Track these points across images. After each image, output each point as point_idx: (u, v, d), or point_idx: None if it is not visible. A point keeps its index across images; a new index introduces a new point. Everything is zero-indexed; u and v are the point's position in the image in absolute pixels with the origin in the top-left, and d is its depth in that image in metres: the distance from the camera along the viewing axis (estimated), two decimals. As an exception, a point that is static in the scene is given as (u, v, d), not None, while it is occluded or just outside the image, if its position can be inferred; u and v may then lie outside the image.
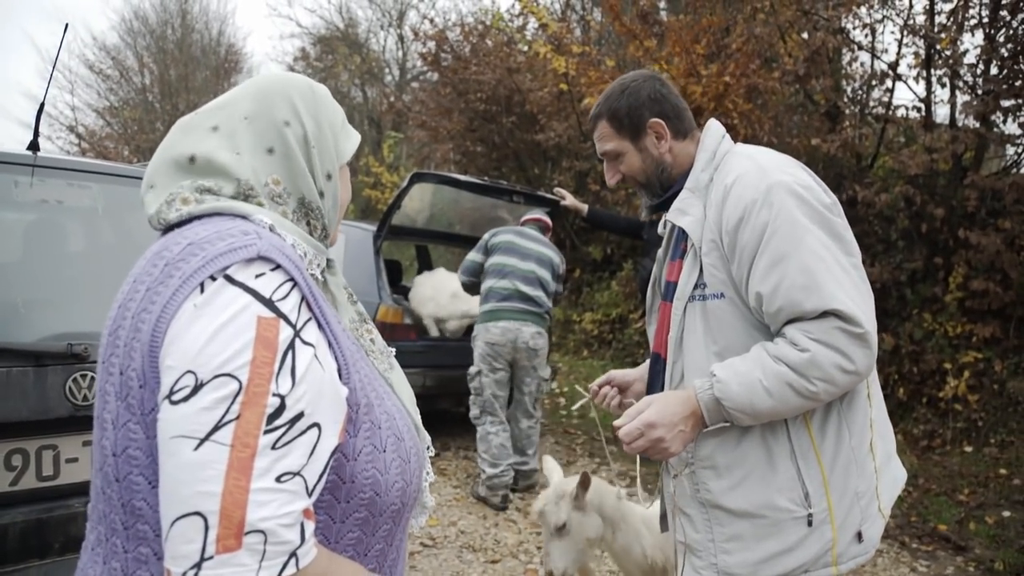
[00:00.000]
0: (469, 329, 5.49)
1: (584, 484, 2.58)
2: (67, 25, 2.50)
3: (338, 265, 1.11)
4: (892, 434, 1.67)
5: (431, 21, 11.77)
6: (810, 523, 1.46)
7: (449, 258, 11.07)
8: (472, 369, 4.69)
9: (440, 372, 5.57)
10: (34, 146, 2.49)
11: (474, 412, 4.71)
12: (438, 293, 5.74)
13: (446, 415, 6.33)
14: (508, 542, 4.06)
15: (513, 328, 4.51)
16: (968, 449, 5.25)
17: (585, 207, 5.40)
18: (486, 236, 4.86)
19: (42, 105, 2.55)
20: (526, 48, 10.35)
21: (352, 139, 1.11)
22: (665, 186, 1.66)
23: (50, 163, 2.49)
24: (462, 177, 5.76)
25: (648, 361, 1.84)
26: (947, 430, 5.45)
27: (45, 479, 2.17)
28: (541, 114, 9.72)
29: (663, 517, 1.74)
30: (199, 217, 0.94)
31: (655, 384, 1.67)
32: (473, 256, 4.86)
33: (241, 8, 40.74)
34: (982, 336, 5.51)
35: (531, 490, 4.89)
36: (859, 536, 1.50)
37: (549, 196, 5.77)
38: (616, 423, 1.48)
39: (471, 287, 4.94)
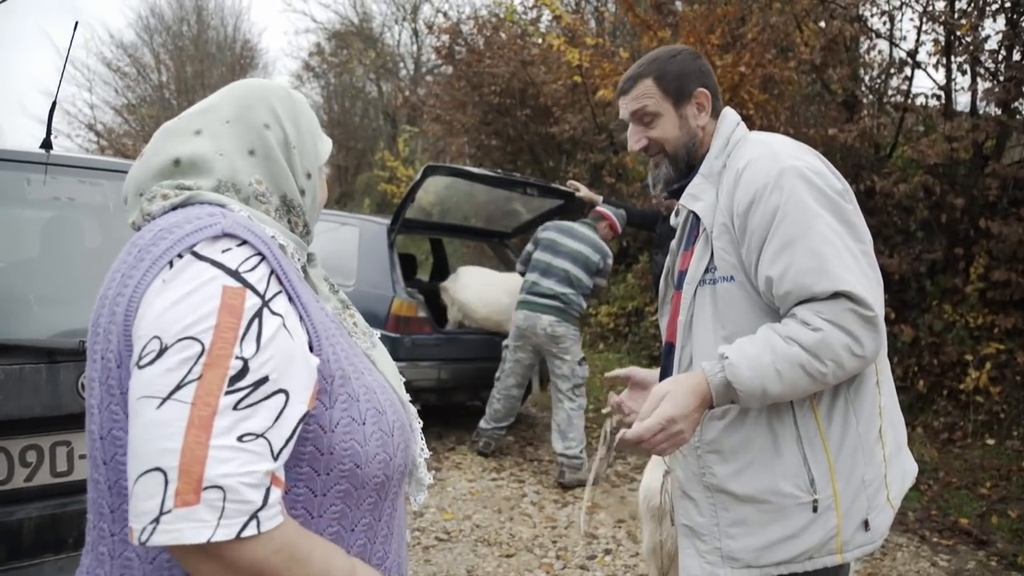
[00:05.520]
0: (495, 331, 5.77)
1: None
2: (76, 24, 2.51)
3: (320, 257, 1.18)
4: (903, 425, 1.64)
5: (444, 15, 11.74)
6: (815, 509, 1.45)
7: (464, 252, 11.07)
8: (504, 341, 5.27)
9: (455, 365, 5.59)
10: (47, 144, 2.51)
11: (497, 374, 5.30)
12: (486, 287, 5.80)
13: (461, 408, 6.33)
14: (523, 536, 4.06)
15: (532, 317, 4.97)
16: (990, 442, 5.18)
17: (600, 199, 5.38)
18: (538, 230, 5.31)
19: (54, 103, 2.55)
20: (540, 40, 10.29)
21: (327, 144, 1.17)
22: (691, 161, 1.64)
23: (62, 161, 2.50)
24: (475, 170, 5.73)
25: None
26: (968, 422, 5.37)
27: (59, 475, 2.18)
28: (555, 106, 9.68)
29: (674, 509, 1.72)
30: (175, 209, 0.97)
31: (668, 375, 1.65)
32: (527, 247, 5.32)
33: (256, 4, 40.84)
34: (1004, 327, 5.41)
35: (581, 486, 4.83)
36: (865, 524, 1.48)
37: (563, 188, 5.74)
38: (633, 423, 1.43)
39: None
